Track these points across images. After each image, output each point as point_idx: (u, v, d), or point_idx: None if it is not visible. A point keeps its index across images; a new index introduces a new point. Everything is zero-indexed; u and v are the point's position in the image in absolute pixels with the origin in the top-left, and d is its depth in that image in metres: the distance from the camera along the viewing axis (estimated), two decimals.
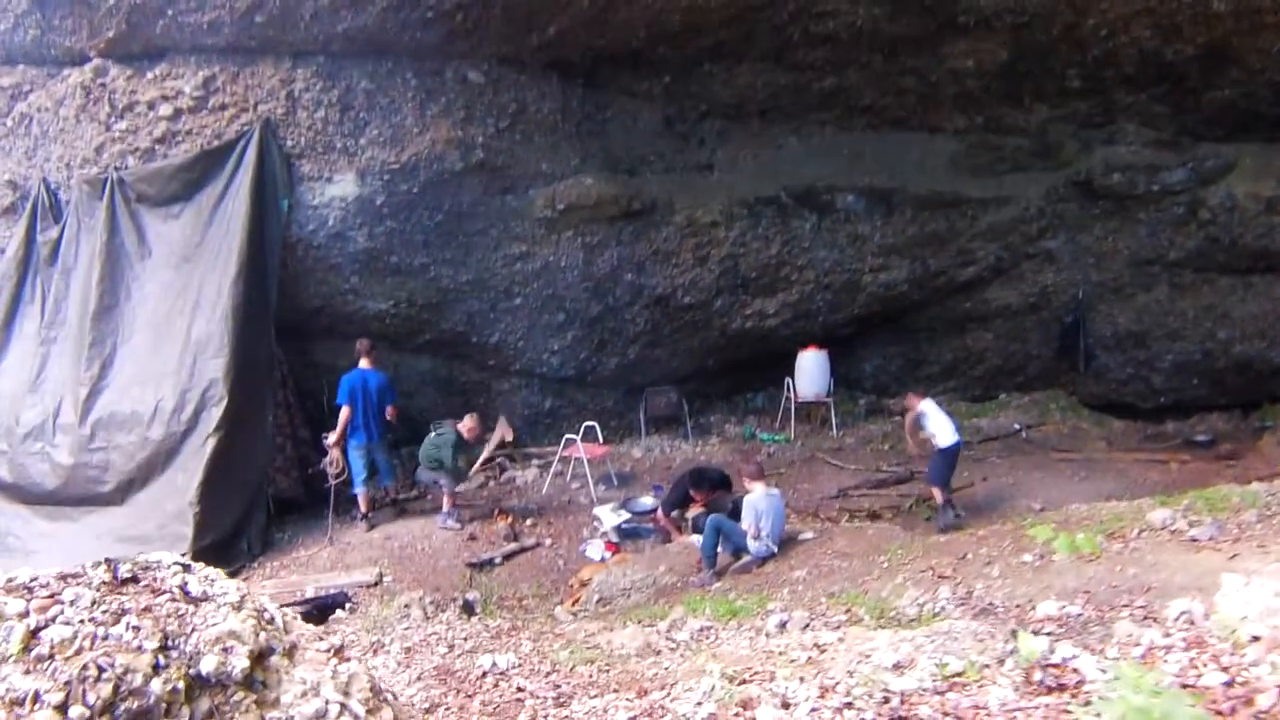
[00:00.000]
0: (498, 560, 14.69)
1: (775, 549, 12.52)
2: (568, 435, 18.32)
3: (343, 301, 17.79)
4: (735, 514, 13.62)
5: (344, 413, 15.92)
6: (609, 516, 15.73)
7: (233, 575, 14.19)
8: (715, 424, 21.41)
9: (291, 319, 17.29)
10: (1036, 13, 16.01)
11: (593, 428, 18.42)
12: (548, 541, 15.48)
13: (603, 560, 14.50)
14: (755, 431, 20.73)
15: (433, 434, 16.47)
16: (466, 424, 16.35)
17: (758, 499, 12.62)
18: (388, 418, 16.32)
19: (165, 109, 16.07)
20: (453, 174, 16.71)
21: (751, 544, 12.47)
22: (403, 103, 16.21)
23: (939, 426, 15.56)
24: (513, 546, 15.13)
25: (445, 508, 16.12)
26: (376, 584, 13.76)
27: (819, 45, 16.81)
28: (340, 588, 13.48)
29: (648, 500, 16.33)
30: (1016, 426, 20.07)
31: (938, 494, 15.49)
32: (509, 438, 18.50)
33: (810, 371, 20.22)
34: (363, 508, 16.44)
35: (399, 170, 16.38)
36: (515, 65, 16.70)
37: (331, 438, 15.98)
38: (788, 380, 20.55)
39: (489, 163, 16.93)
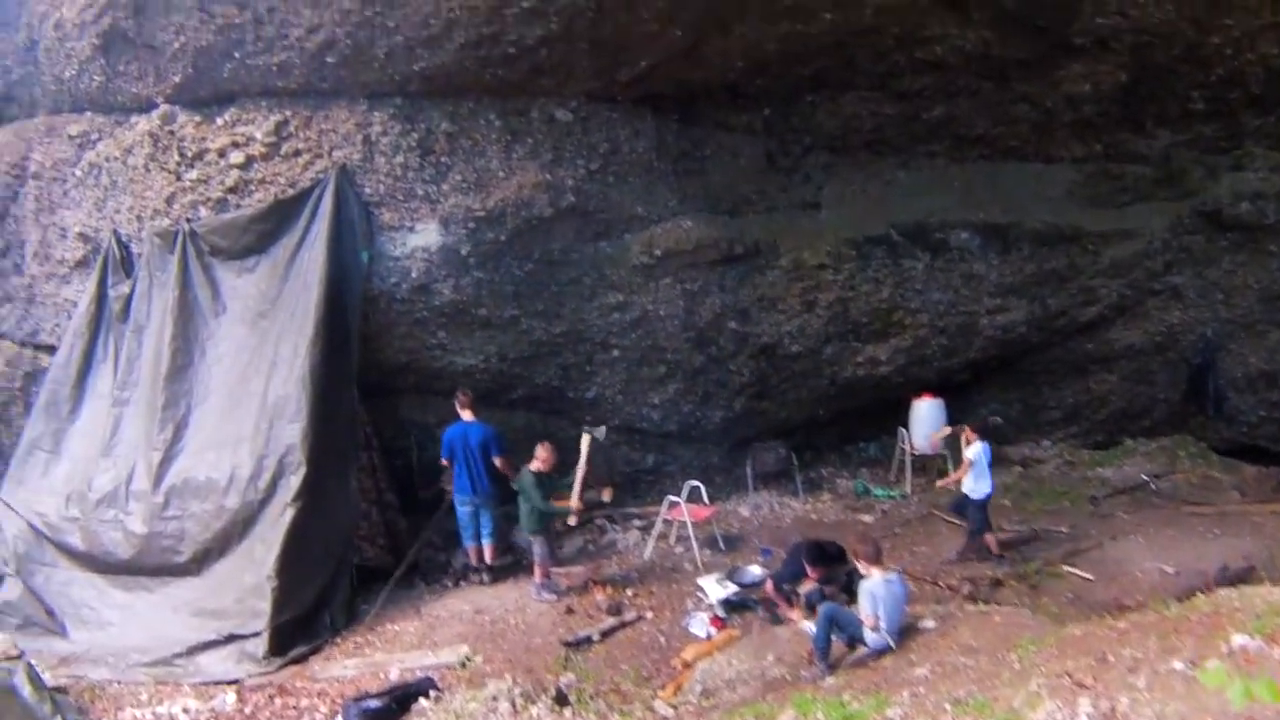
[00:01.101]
0: (595, 638, 14.09)
1: (893, 644, 11.82)
2: (670, 497, 17.53)
3: (430, 357, 17.36)
4: (849, 585, 13.09)
5: (444, 462, 16.02)
6: (714, 588, 15.00)
7: (314, 651, 14.15)
8: (826, 478, 20.62)
9: (376, 376, 16.96)
10: (1156, 31, 15.39)
11: (697, 488, 17.65)
12: (649, 614, 14.83)
13: (708, 637, 13.86)
14: (868, 486, 19.91)
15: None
16: (539, 455, 15.49)
17: (875, 585, 11.82)
18: (499, 469, 16.03)
19: (236, 156, 15.86)
20: (542, 220, 16.24)
21: (869, 635, 11.70)
22: (486, 145, 15.77)
23: (974, 472, 15.41)
24: (612, 622, 14.49)
25: (538, 579, 15.61)
26: (464, 665, 13.33)
27: (926, 71, 16.31)
28: (426, 670, 13.05)
29: (755, 570, 15.53)
30: (1144, 477, 19.17)
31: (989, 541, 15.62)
32: (608, 498, 17.91)
33: (925, 421, 19.35)
34: (473, 560, 16.37)
35: (485, 217, 15.93)
36: (605, 102, 16.21)
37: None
38: (902, 431, 19.76)
39: (580, 207, 16.44)
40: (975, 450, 15.41)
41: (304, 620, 14.72)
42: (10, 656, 12.92)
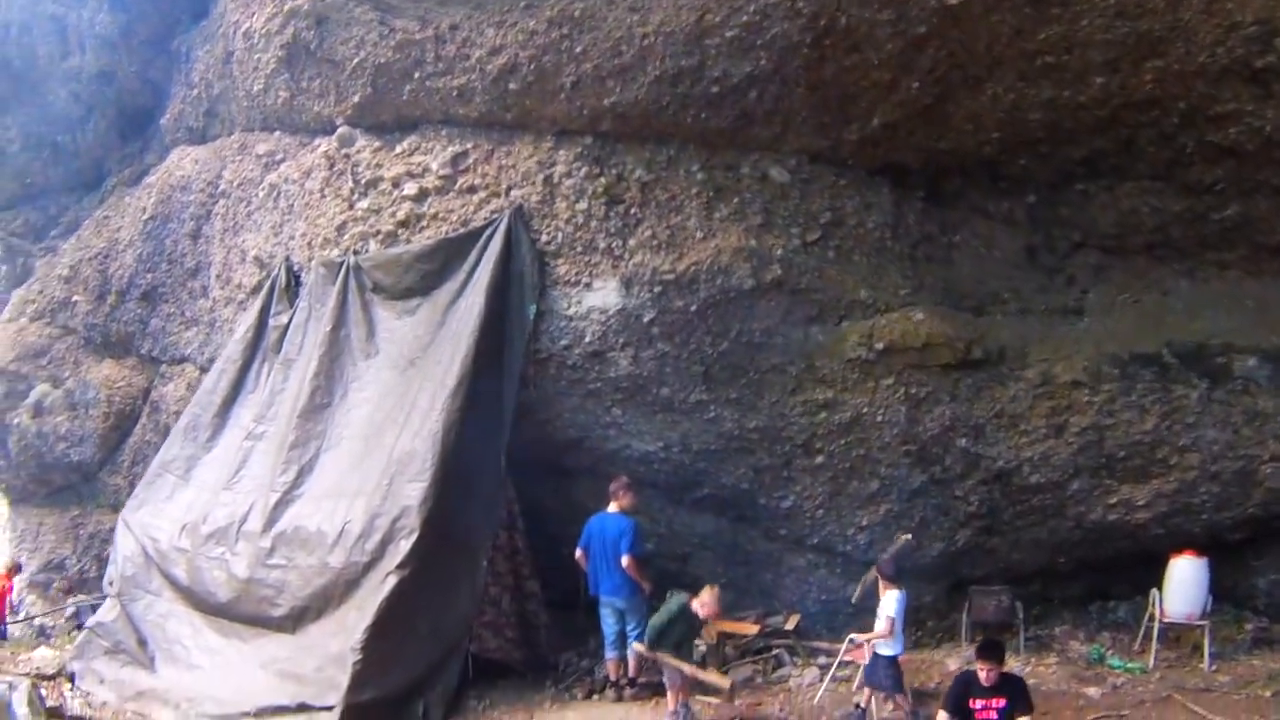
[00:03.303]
0: None
1: None
2: (852, 635, 15.18)
3: (603, 436, 16.01)
4: None
5: (577, 555, 14.81)
6: None
7: None
8: (1057, 638, 17.59)
9: (545, 452, 15.91)
10: None
11: None
12: None
13: None
14: (1105, 653, 17.22)
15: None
16: (703, 598, 13.77)
17: None
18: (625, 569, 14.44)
19: (410, 187, 15.27)
20: (741, 293, 14.69)
21: None
22: (685, 200, 14.52)
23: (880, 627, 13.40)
24: None
25: (671, 706, 13.84)
26: None
27: (1219, 160, 14.13)
28: None
29: None
30: None
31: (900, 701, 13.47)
32: (791, 625, 16.11)
33: (1183, 584, 16.30)
34: (612, 674, 14.83)
35: (674, 282, 14.56)
36: (832, 164, 14.73)
37: None
38: (1154, 593, 17.07)
39: (789, 283, 14.80)
40: (894, 602, 13.54)
41: (390, 704, 13.52)
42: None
